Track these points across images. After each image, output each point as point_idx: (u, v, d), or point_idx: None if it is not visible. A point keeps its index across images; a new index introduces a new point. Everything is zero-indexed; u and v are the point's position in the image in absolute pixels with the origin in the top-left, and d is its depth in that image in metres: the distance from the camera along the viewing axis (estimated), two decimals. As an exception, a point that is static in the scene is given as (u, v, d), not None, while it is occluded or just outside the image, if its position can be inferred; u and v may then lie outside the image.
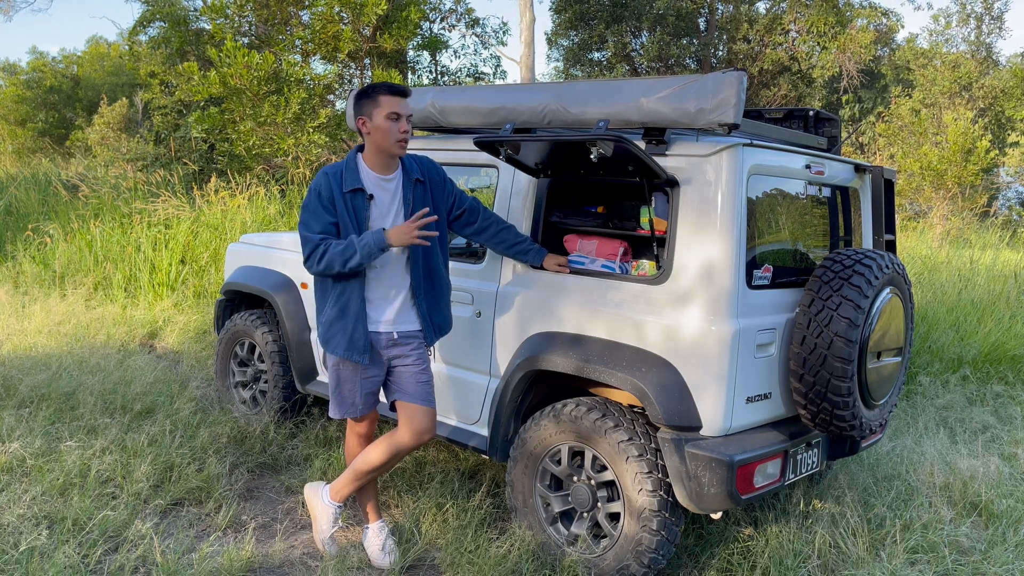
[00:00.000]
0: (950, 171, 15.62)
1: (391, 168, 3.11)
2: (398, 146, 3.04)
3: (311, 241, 2.99)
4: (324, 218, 2.99)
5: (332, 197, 3.01)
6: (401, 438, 3.15)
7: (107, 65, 31.63)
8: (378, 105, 3.00)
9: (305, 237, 3.00)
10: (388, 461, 3.20)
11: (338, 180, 3.02)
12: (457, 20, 17.63)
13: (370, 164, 3.09)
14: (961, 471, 4.22)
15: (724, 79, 2.86)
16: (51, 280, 8.02)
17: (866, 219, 3.73)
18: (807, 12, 20.36)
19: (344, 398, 3.17)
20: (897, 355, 3.34)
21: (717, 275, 2.92)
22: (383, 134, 3.01)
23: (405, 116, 3.03)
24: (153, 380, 5.17)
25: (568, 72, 23.13)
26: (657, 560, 3.01)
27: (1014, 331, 6.80)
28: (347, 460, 3.35)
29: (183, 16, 13.71)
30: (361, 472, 3.22)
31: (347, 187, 3.01)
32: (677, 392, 2.93)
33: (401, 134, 3.02)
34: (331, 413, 3.23)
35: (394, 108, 2.99)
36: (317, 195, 3.01)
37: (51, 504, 3.48)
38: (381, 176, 3.09)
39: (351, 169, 3.06)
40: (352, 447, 3.32)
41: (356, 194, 3.03)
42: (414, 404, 3.15)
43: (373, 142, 3.05)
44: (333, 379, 3.17)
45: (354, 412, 3.19)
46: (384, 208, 3.09)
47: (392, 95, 3.01)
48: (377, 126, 3.01)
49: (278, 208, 9.03)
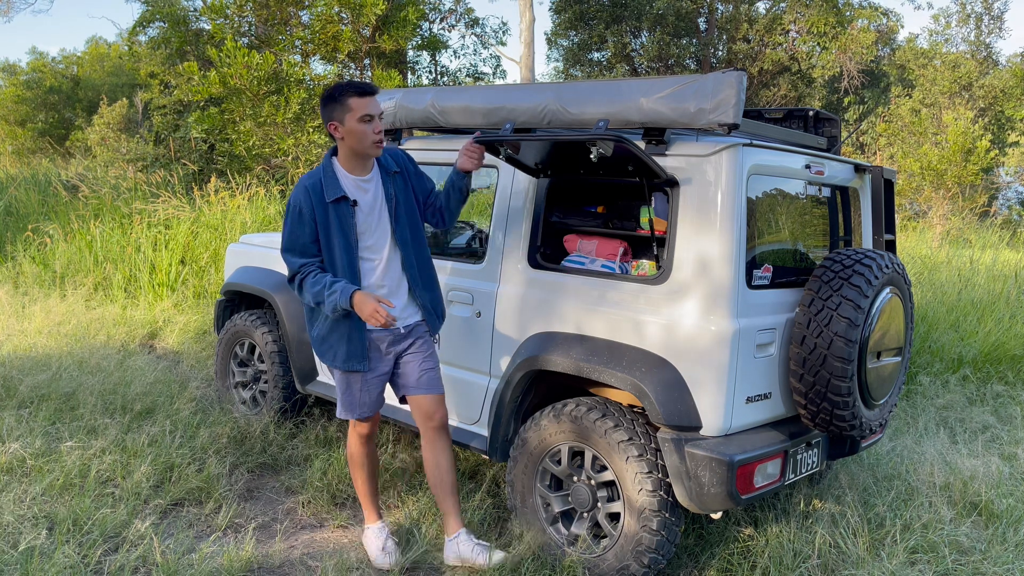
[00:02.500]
0: (950, 171, 15.62)
1: (368, 168, 3.08)
2: (374, 147, 3.00)
3: (291, 266, 3.03)
4: (303, 238, 2.98)
5: (313, 212, 2.97)
6: (421, 429, 3.26)
7: (107, 65, 31.64)
8: (348, 109, 2.93)
9: (286, 259, 3.03)
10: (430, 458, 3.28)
11: (318, 192, 2.98)
12: (457, 20, 17.65)
13: (347, 167, 3.04)
14: (961, 471, 4.22)
15: (724, 79, 2.86)
16: (51, 280, 8.02)
17: (866, 219, 3.73)
18: (807, 12, 20.36)
19: (353, 400, 3.18)
20: (897, 355, 3.34)
21: (717, 275, 2.92)
22: (358, 137, 2.96)
23: (377, 116, 2.98)
24: (153, 380, 5.17)
25: (568, 72, 23.13)
26: (657, 560, 3.01)
27: (1014, 331, 6.80)
28: (349, 460, 3.35)
29: (183, 16, 13.71)
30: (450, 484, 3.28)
31: (330, 197, 2.97)
32: (677, 392, 2.93)
33: (376, 135, 2.97)
34: (339, 414, 3.23)
35: (365, 110, 2.94)
36: (298, 214, 2.98)
37: (51, 504, 3.48)
38: (360, 178, 3.06)
39: (330, 176, 3.01)
40: (355, 447, 3.32)
41: (340, 203, 2.99)
42: (419, 395, 3.21)
43: (347, 146, 3.00)
44: (341, 382, 3.17)
45: (363, 413, 3.20)
46: (367, 209, 3.06)
47: (361, 96, 2.94)
48: (350, 130, 2.95)
49: (278, 208, 9.02)
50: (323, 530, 3.61)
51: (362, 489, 3.34)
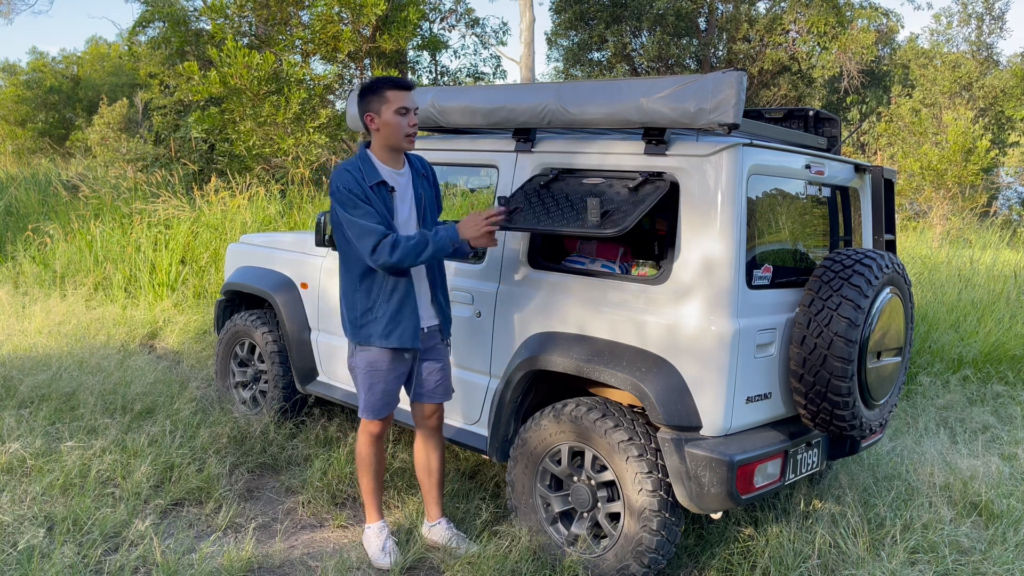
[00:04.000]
0: (950, 171, 15.62)
1: (400, 162, 3.16)
2: (408, 140, 3.08)
3: (376, 232, 2.94)
4: (371, 210, 2.98)
5: (364, 191, 3.00)
6: (416, 425, 3.40)
7: (107, 65, 31.64)
8: (386, 101, 3.02)
9: (368, 228, 2.94)
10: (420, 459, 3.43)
11: (360, 175, 3.03)
12: (457, 20, 17.65)
13: (381, 159, 3.11)
14: (961, 471, 4.22)
15: (724, 79, 2.86)
16: (51, 280, 8.02)
17: (866, 219, 3.73)
18: (807, 12, 20.36)
19: (376, 398, 3.18)
20: (897, 355, 3.34)
21: (717, 275, 2.92)
22: (392, 129, 3.04)
23: (412, 110, 3.06)
24: (153, 380, 5.17)
25: (568, 72, 23.12)
26: (657, 560, 3.01)
27: (1014, 331, 6.79)
28: (357, 459, 3.33)
29: (183, 16, 13.71)
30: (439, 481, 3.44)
31: (371, 181, 3.02)
32: (677, 392, 2.93)
33: (410, 128, 3.06)
34: (364, 415, 3.22)
35: (402, 103, 3.02)
36: (358, 190, 2.98)
37: (51, 504, 3.48)
38: (393, 170, 3.13)
39: (367, 163, 3.08)
40: (365, 447, 3.30)
41: (380, 187, 3.05)
42: (421, 403, 3.32)
43: (382, 137, 3.07)
44: (365, 380, 3.16)
45: (385, 412, 3.22)
46: (400, 199, 3.13)
47: (399, 90, 3.03)
48: (386, 122, 3.03)
49: (278, 208, 9.03)
50: (323, 530, 3.61)
51: (367, 488, 3.34)
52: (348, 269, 3.13)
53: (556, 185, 3.24)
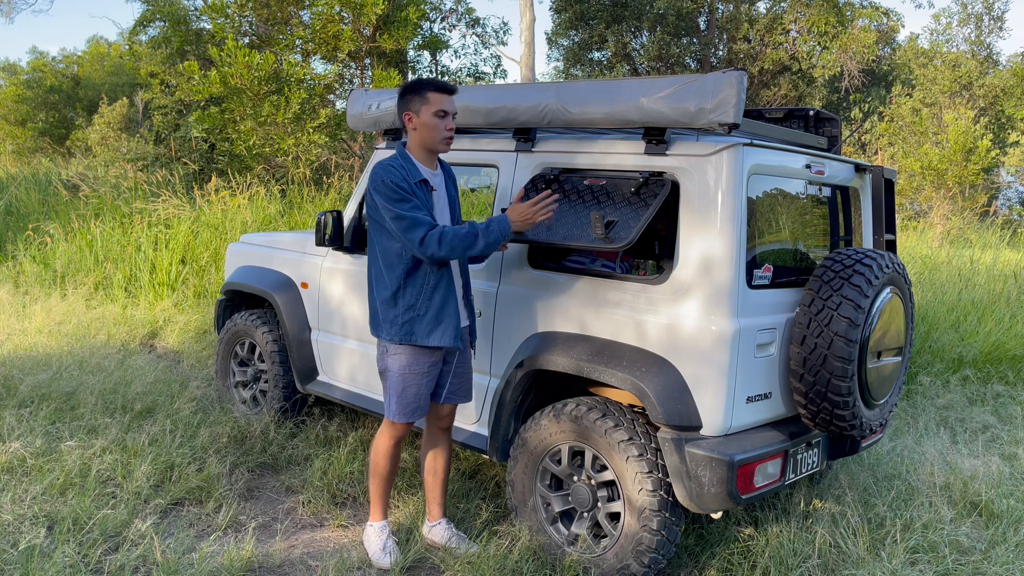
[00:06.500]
0: (951, 171, 15.62)
1: (434, 164, 3.17)
2: (444, 143, 3.08)
3: (423, 223, 2.92)
4: (418, 204, 2.97)
5: (410, 186, 2.99)
6: (427, 425, 3.39)
7: (107, 65, 31.63)
8: (426, 102, 3.02)
9: (417, 219, 2.91)
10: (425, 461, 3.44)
11: (404, 172, 3.01)
12: (457, 20, 17.65)
13: (417, 159, 3.11)
14: (961, 471, 4.22)
15: (724, 79, 2.86)
16: (51, 280, 8.02)
17: (866, 219, 3.73)
18: (808, 12, 20.36)
19: (409, 401, 3.14)
20: (897, 355, 3.34)
21: (717, 275, 2.92)
22: (430, 131, 3.04)
23: (451, 114, 3.06)
24: (153, 380, 5.17)
25: (568, 72, 23.12)
26: (657, 560, 3.01)
27: (1014, 331, 6.80)
28: (372, 460, 3.28)
29: (183, 16, 13.70)
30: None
31: (414, 178, 3.02)
32: (677, 392, 2.93)
33: (447, 132, 3.06)
34: (395, 417, 3.16)
35: (442, 106, 3.02)
36: (405, 184, 2.96)
37: (51, 503, 3.48)
38: (430, 171, 3.14)
39: (409, 162, 3.07)
40: (384, 449, 3.24)
41: (422, 185, 3.05)
42: (439, 403, 3.32)
43: (419, 138, 3.07)
44: (398, 383, 3.12)
45: (416, 415, 3.17)
46: (436, 197, 3.14)
47: (440, 92, 3.03)
48: (424, 122, 3.03)
49: (278, 208, 9.03)
50: (323, 529, 3.62)
51: (377, 490, 3.30)
52: (390, 267, 3.04)
53: (562, 187, 3.25)
